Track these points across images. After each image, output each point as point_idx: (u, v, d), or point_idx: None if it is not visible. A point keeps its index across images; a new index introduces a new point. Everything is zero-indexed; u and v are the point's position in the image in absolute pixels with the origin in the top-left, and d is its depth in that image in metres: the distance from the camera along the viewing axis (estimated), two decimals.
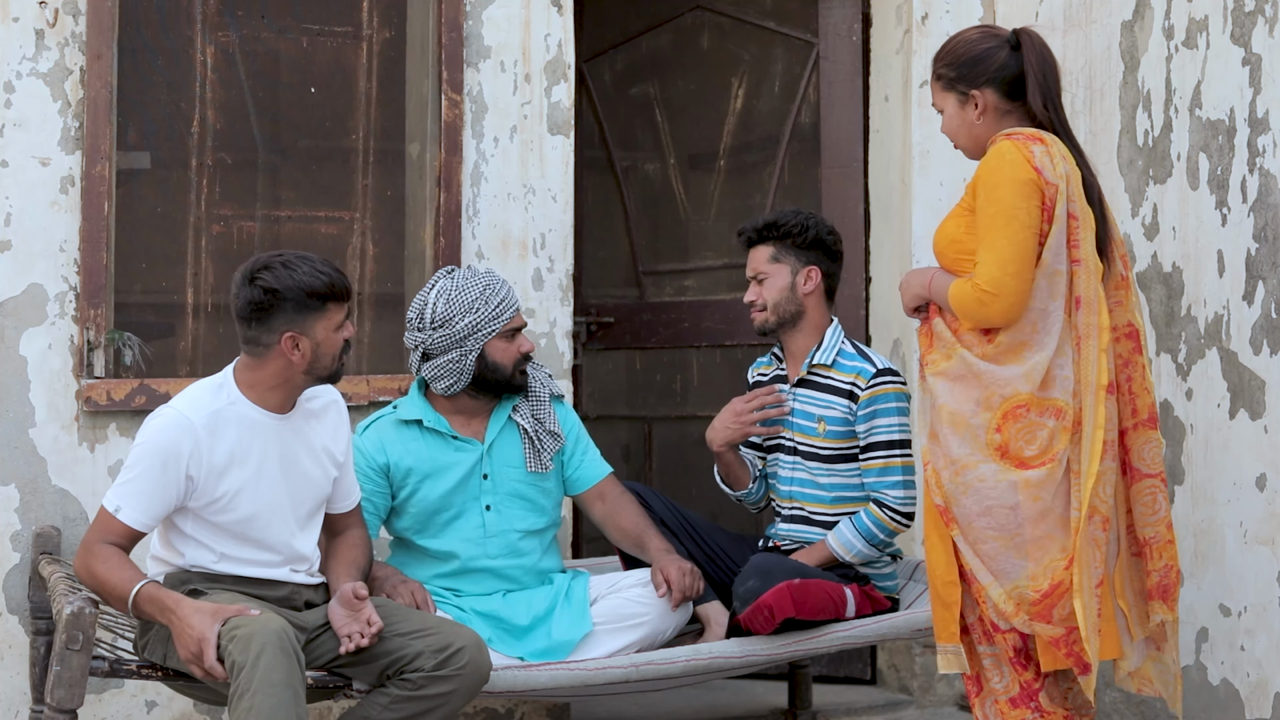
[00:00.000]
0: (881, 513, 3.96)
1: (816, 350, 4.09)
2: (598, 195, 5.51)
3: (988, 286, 3.19)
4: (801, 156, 5.19)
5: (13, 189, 4.11)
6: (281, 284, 3.41)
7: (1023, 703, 3.27)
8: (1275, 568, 3.66)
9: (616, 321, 5.41)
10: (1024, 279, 3.19)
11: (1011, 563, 3.22)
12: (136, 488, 3.38)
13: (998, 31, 3.42)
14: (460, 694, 3.43)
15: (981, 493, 3.22)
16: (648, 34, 5.45)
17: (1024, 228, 3.19)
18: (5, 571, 4.08)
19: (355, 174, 4.64)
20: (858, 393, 4.01)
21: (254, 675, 3.14)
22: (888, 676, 5.01)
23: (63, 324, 4.13)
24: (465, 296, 3.92)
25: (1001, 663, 3.30)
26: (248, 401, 3.47)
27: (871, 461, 4.00)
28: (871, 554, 3.99)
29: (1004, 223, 3.20)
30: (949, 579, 3.30)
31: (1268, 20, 3.69)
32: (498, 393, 4.00)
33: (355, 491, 3.73)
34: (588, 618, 3.88)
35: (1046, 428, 3.22)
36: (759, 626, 3.74)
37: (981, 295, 3.20)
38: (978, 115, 3.38)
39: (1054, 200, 3.22)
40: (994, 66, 3.36)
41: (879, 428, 3.99)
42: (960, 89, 3.38)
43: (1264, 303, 3.69)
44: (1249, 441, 3.75)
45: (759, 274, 4.12)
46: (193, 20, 4.46)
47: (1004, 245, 3.19)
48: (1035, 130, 3.31)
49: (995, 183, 3.22)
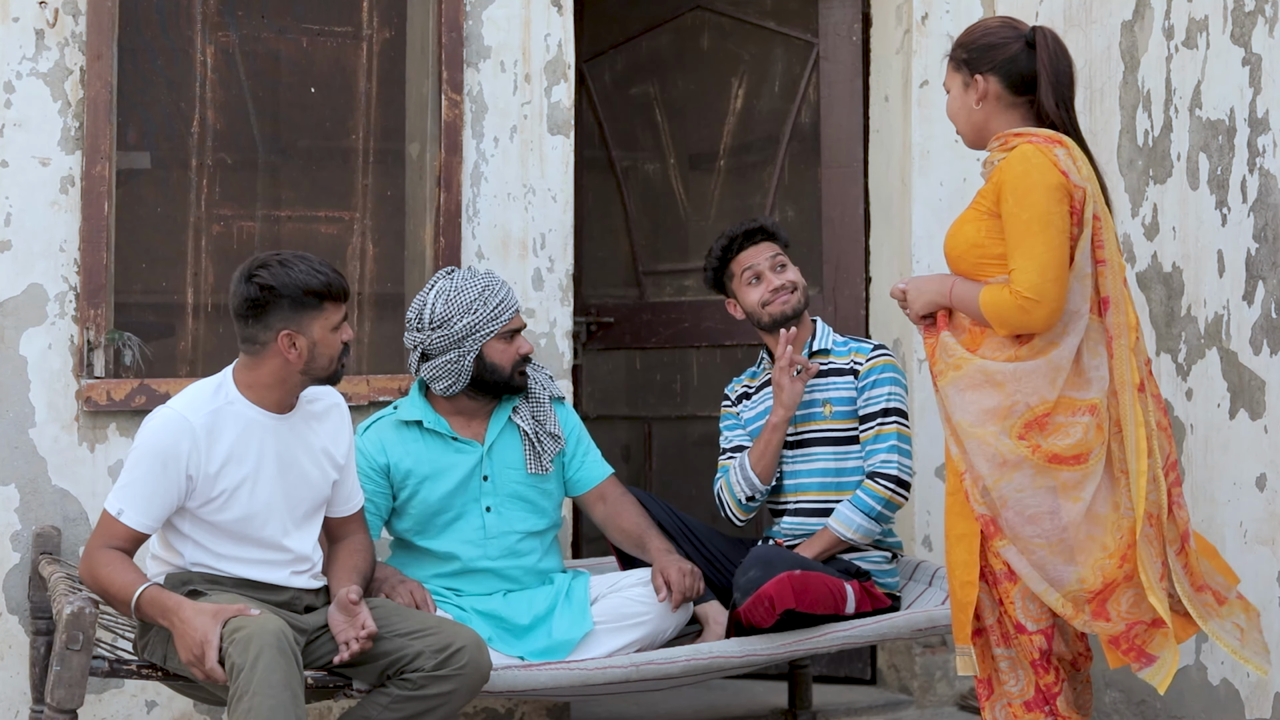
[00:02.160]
0: (877, 484, 4.00)
1: (813, 339, 4.20)
2: (598, 195, 5.51)
3: (1030, 293, 3.14)
4: (801, 156, 5.19)
5: (13, 189, 4.11)
6: (278, 281, 3.41)
7: (1037, 706, 3.24)
8: (1275, 568, 3.66)
9: (616, 321, 5.41)
10: (1063, 284, 3.15)
11: (1061, 569, 3.16)
12: (138, 490, 3.38)
13: (1018, 25, 3.37)
14: (461, 693, 3.43)
15: (1021, 502, 3.16)
16: (648, 34, 5.45)
17: (1059, 232, 3.15)
18: (5, 571, 4.08)
19: (355, 174, 4.64)
20: (858, 368, 4.13)
21: (253, 677, 3.14)
22: (888, 676, 5.01)
23: (63, 324, 4.13)
24: (464, 297, 3.92)
25: (1019, 666, 3.26)
26: (246, 401, 3.47)
27: (868, 430, 4.09)
28: (872, 528, 4.01)
29: (1040, 228, 3.15)
30: (966, 579, 3.25)
31: (1268, 20, 3.69)
32: (497, 394, 3.99)
33: (357, 496, 3.73)
34: (588, 617, 3.88)
35: (1080, 424, 3.17)
36: (759, 618, 3.75)
37: (1024, 302, 3.15)
38: (977, 100, 3.34)
39: (1083, 203, 3.19)
40: (1004, 57, 3.31)
41: (876, 397, 4.09)
42: (967, 71, 3.35)
43: (1264, 303, 3.69)
44: (1249, 441, 3.75)
45: (778, 258, 4.21)
46: (193, 20, 4.46)
47: (1042, 251, 3.14)
48: (1051, 132, 3.26)
49: (1027, 187, 3.17)
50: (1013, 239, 3.19)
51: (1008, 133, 3.30)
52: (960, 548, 3.27)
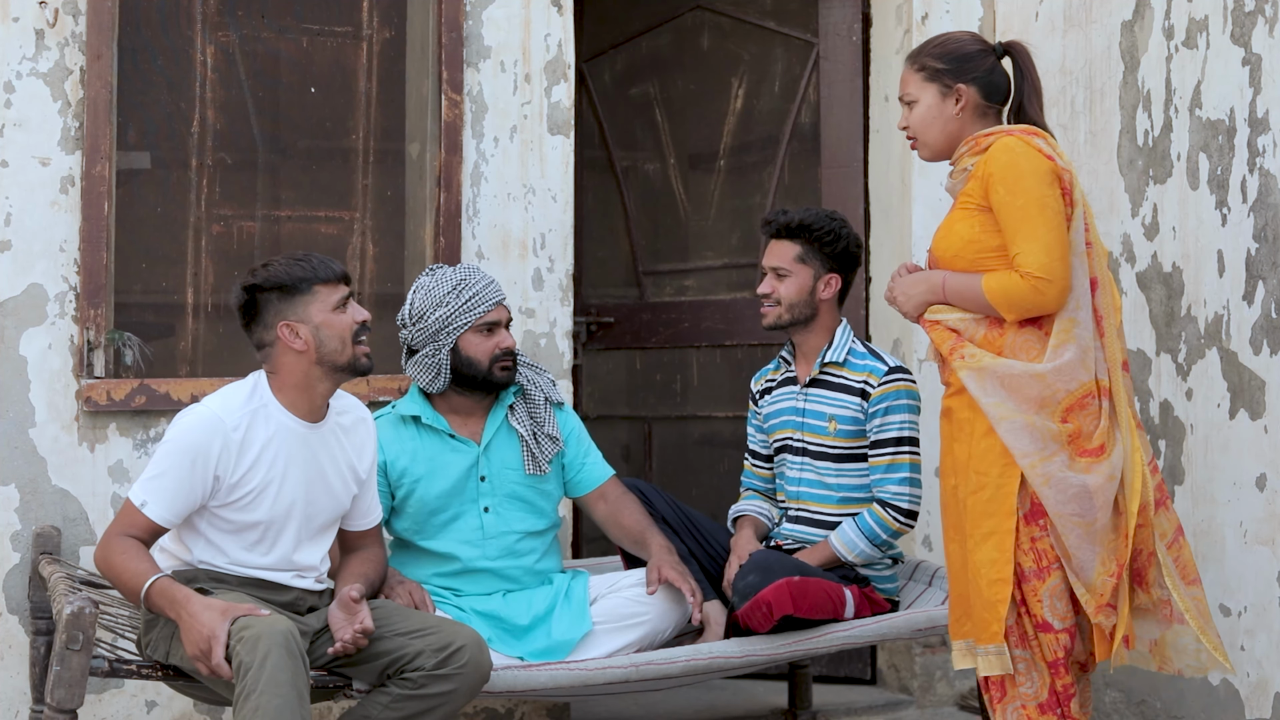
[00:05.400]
0: (885, 513, 3.96)
1: (828, 349, 4.09)
2: (598, 195, 5.51)
3: (1041, 273, 3.19)
4: (801, 156, 5.19)
5: (13, 189, 4.11)
6: (260, 278, 3.45)
7: (1050, 709, 3.24)
8: (1275, 568, 3.66)
9: (616, 321, 5.41)
10: (1068, 263, 3.22)
11: (1089, 551, 3.20)
12: (164, 484, 3.38)
13: (985, 40, 3.50)
14: (461, 693, 3.43)
15: (1064, 481, 3.20)
16: (648, 34, 5.45)
17: (1056, 213, 3.23)
18: (5, 571, 4.08)
19: (355, 174, 4.64)
20: (870, 390, 4.01)
21: (260, 676, 3.14)
22: (888, 676, 5.01)
23: (63, 324, 4.13)
24: (439, 291, 3.92)
25: (1034, 667, 3.25)
26: (279, 406, 3.48)
27: (879, 458, 4.01)
28: (874, 554, 3.99)
29: (1038, 210, 3.22)
30: (997, 577, 3.23)
31: (1268, 20, 3.69)
32: (481, 389, 3.98)
33: (375, 511, 3.73)
34: (587, 617, 3.88)
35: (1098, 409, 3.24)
36: (757, 623, 3.74)
37: (1036, 283, 3.19)
38: (958, 110, 3.41)
39: (1071, 185, 3.28)
40: (984, 68, 3.42)
41: (889, 424, 4.00)
42: (945, 81, 3.42)
43: (1264, 303, 3.69)
44: (1249, 441, 3.75)
45: (780, 269, 4.10)
46: (193, 20, 4.46)
47: (1044, 232, 3.21)
48: (1028, 126, 3.36)
49: (1018, 174, 3.24)
50: (1011, 225, 3.24)
51: (978, 134, 3.38)
52: (989, 545, 3.25)
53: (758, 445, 4.28)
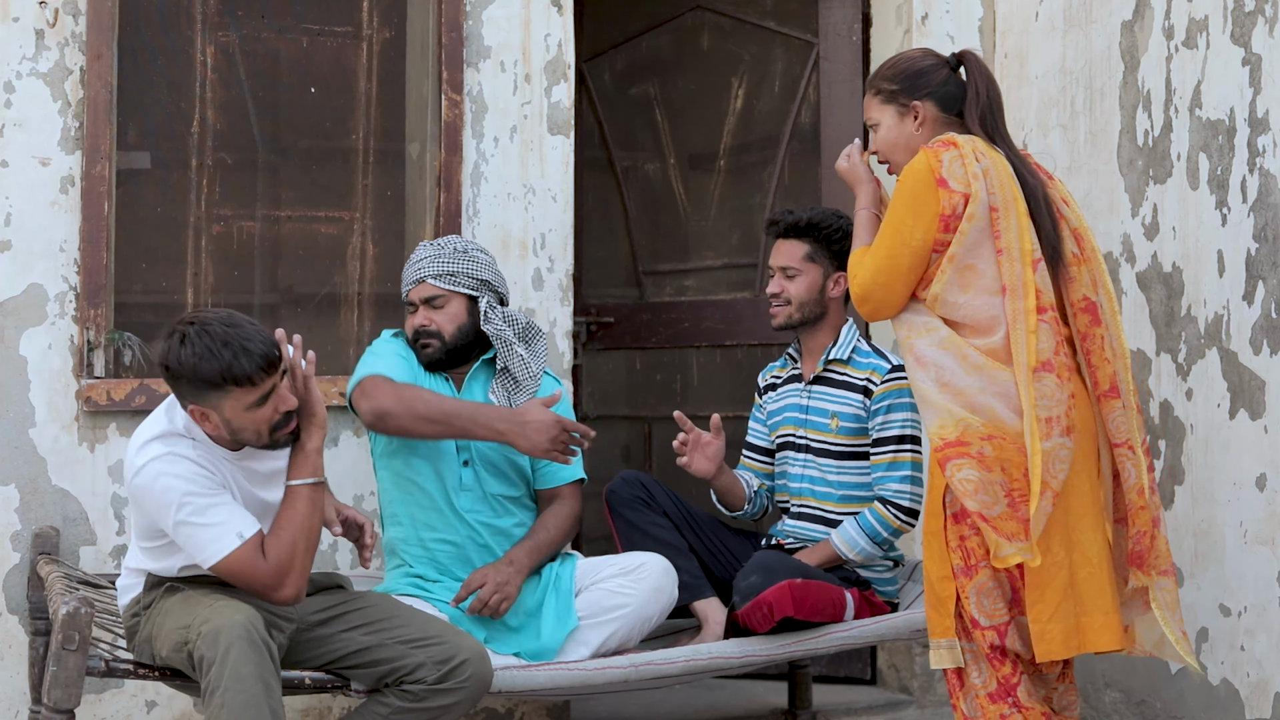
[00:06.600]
0: (887, 511, 3.97)
1: (833, 346, 4.10)
2: (598, 195, 5.51)
3: (857, 290, 3.42)
4: (801, 156, 5.19)
5: (13, 189, 4.11)
6: (171, 362, 3.19)
7: (1000, 698, 3.31)
8: (1275, 568, 3.66)
9: (616, 321, 5.41)
10: (892, 290, 3.36)
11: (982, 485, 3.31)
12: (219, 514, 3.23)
13: (937, 53, 3.55)
14: (462, 705, 3.40)
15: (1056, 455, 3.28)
16: (648, 34, 5.45)
17: (904, 245, 3.34)
18: (5, 571, 4.08)
19: (355, 174, 4.65)
20: (872, 388, 4.03)
21: (224, 671, 3.08)
22: (888, 676, 5.01)
23: (63, 324, 4.14)
24: None
25: (979, 659, 3.33)
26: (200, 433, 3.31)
27: (881, 456, 4.01)
28: (875, 552, 3.99)
29: (890, 234, 3.36)
30: (942, 574, 3.34)
31: (1268, 20, 3.69)
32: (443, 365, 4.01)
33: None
34: (573, 613, 3.87)
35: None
36: (757, 623, 3.74)
37: (855, 294, 3.43)
38: (917, 126, 3.48)
39: (958, 206, 3.31)
40: (938, 80, 3.48)
41: (892, 422, 4.00)
42: (901, 101, 3.48)
43: (1264, 303, 3.69)
44: (1249, 441, 3.75)
45: (789, 269, 4.11)
46: (193, 20, 4.46)
47: (882, 257, 3.37)
48: (952, 135, 3.40)
49: (899, 191, 3.37)
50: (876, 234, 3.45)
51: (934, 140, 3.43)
52: (932, 545, 3.37)
53: (755, 438, 4.28)
